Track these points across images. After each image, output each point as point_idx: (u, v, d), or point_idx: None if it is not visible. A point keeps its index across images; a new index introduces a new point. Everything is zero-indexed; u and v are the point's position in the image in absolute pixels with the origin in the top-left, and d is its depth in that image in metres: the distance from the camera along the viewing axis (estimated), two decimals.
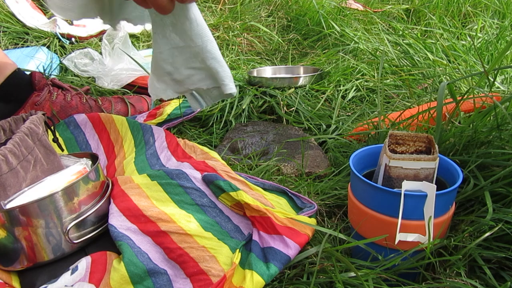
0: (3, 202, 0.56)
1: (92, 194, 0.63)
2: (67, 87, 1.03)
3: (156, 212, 0.62)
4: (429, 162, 0.52)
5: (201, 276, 0.54)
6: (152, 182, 0.69)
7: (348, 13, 1.69)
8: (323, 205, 0.71)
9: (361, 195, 0.55)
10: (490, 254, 0.54)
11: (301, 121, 1.04)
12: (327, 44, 1.52)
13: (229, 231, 0.63)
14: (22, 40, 1.47)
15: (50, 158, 0.65)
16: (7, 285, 0.56)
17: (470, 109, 0.88)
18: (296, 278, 0.57)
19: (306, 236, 0.60)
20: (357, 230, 0.57)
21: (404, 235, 0.51)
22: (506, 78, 1.14)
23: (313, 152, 0.87)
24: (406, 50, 1.31)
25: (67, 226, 0.58)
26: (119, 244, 0.58)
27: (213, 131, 1.03)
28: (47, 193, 0.57)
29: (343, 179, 0.77)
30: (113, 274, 0.54)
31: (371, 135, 0.84)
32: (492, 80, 0.80)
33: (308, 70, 1.33)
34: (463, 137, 0.67)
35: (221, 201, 0.67)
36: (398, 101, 1.09)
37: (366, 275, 0.52)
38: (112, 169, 0.81)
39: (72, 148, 0.87)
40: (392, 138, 0.58)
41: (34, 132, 0.63)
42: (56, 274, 0.56)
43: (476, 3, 1.93)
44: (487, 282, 0.52)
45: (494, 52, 1.31)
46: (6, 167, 0.57)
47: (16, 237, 0.56)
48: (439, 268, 0.54)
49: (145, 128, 0.89)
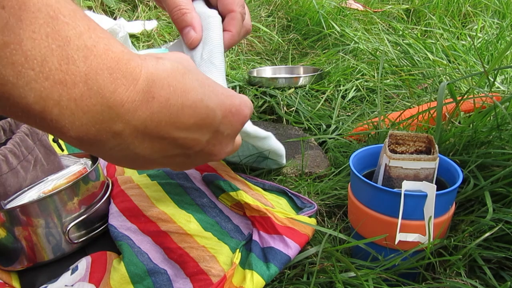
0: (3, 202, 0.56)
1: (92, 194, 0.63)
2: None
3: (156, 212, 0.62)
4: (429, 162, 0.52)
5: (201, 276, 0.54)
6: (152, 182, 0.69)
7: (348, 13, 1.69)
8: (323, 205, 0.71)
9: (361, 195, 0.55)
10: (490, 254, 0.54)
11: (301, 121, 1.04)
12: (327, 44, 1.52)
13: (229, 231, 0.63)
14: None
15: (50, 158, 0.65)
16: (7, 285, 0.56)
17: (470, 109, 0.88)
18: (296, 278, 0.57)
19: (306, 236, 0.60)
20: (357, 230, 0.57)
21: (404, 235, 0.51)
22: (506, 78, 1.14)
23: (313, 152, 0.87)
24: (406, 50, 1.31)
25: (67, 226, 0.58)
26: (119, 244, 0.58)
27: None
28: (47, 193, 0.57)
29: (343, 179, 0.77)
30: (113, 274, 0.54)
31: (371, 135, 0.84)
32: (492, 80, 0.80)
33: (308, 70, 1.33)
34: (463, 137, 0.67)
35: (221, 201, 0.67)
36: (398, 101, 1.09)
37: (366, 275, 0.52)
38: (112, 169, 0.81)
39: (72, 148, 0.87)
40: (392, 138, 0.58)
41: (34, 132, 0.63)
42: (56, 274, 0.56)
43: (476, 3, 1.93)
44: (487, 282, 0.52)
45: (494, 52, 1.31)
46: (6, 167, 0.57)
47: (16, 237, 0.56)
48: (439, 268, 0.54)
49: None
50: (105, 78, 0.25)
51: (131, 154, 0.30)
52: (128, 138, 0.28)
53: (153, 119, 0.28)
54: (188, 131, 0.31)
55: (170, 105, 0.28)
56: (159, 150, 0.31)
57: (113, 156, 0.30)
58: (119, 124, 0.27)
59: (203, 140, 0.33)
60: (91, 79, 0.25)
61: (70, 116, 0.25)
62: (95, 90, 0.25)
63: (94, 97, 0.25)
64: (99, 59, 0.25)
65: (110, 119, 0.26)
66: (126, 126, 0.27)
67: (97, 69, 0.25)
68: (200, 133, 0.32)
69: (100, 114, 0.26)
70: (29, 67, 0.22)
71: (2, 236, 0.56)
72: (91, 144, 0.27)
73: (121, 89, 0.26)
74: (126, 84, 0.26)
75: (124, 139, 0.28)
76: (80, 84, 0.24)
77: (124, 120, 0.27)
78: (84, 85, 0.24)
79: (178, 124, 0.30)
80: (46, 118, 0.24)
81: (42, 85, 0.23)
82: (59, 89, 0.24)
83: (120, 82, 0.26)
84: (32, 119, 0.25)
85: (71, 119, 0.25)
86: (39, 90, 0.23)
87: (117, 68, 0.26)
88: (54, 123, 0.25)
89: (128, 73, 0.26)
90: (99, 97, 0.25)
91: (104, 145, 0.28)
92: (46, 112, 0.24)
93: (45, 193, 0.57)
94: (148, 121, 0.28)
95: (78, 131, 0.26)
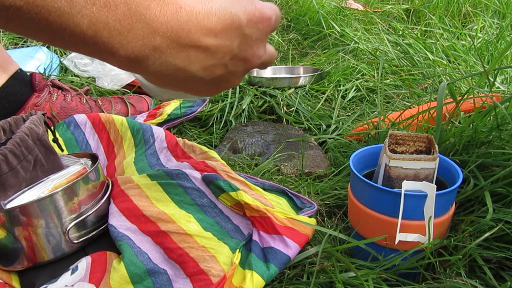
0: (3, 202, 0.56)
1: (92, 194, 0.63)
2: (67, 88, 1.03)
3: (156, 212, 0.62)
4: (429, 162, 0.52)
5: (201, 276, 0.54)
6: (152, 182, 0.69)
7: (348, 13, 1.69)
8: (323, 205, 0.71)
9: (361, 195, 0.55)
10: (490, 254, 0.54)
11: (301, 121, 1.04)
12: (327, 44, 1.52)
13: (229, 231, 0.63)
14: (22, 40, 1.47)
15: (50, 158, 0.65)
16: (7, 285, 0.56)
17: (470, 109, 0.88)
18: (296, 278, 0.57)
19: (306, 236, 0.60)
20: (357, 230, 0.57)
21: (404, 235, 0.51)
22: (506, 78, 1.14)
23: (313, 152, 0.87)
24: (406, 50, 1.31)
25: (67, 226, 0.58)
26: (119, 244, 0.58)
27: (213, 131, 1.03)
28: (47, 193, 0.57)
29: (343, 179, 0.77)
30: (113, 274, 0.54)
31: (371, 135, 0.84)
32: (492, 80, 0.80)
33: (308, 70, 1.33)
34: (463, 137, 0.67)
35: (221, 201, 0.67)
36: (398, 101, 1.09)
37: (366, 275, 0.52)
38: (112, 169, 0.81)
39: (72, 148, 0.87)
40: (392, 138, 0.58)
41: (35, 132, 0.63)
42: (56, 274, 0.56)
43: (476, 3, 1.93)
44: (487, 282, 0.52)
45: (494, 52, 1.31)
46: (6, 167, 0.57)
47: (16, 237, 0.56)
48: (439, 268, 0.54)
49: (145, 128, 0.88)
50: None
51: (172, 67, 0.33)
52: (166, 50, 0.31)
53: (184, 28, 0.31)
54: (217, 37, 0.34)
55: (196, 13, 0.31)
56: (196, 59, 0.34)
57: (158, 72, 0.33)
58: (157, 38, 0.30)
59: (234, 46, 0.35)
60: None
61: (117, 36, 0.28)
62: (133, 9, 0.28)
63: (134, 15, 0.28)
64: None
65: (150, 33, 0.30)
66: (162, 39, 0.31)
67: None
68: (229, 38, 0.34)
69: (140, 30, 0.29)
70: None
71: (2, 236, 0.56)
72: (137, 62, 0.31)
73: (153, 4, 0.29)
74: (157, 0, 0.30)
75: (163, 51, 0.31)
76: (121, 5, 0.28)
77: (160, 33, 0.30)
78: (124, 5, 0.28)
79: (206, 31, 0.33)
80: (98, 42, 0.28)
81: (91, 10, 0.26)
82: (105, 12, 0.27)
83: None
84: (86, 45, 0.28)
85: (118, 39, 0.28)
86: (89, 16, 0.26)
87: None
88: (105, 45, 0.28)
89: None
90: (138, 15, 0.29)
91: (148, 61, 0.31)
92: (97, 36, 0.28)
93: (45, 193, 0.57)
94: (180, 30, 0.31)
95: (126, 49, 0.29)
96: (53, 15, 0.26)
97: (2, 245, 0.57)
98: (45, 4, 0.25)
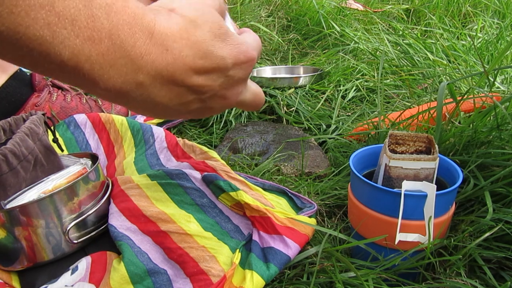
0: (3, 202, 0.56)
1: (92, 194, 0.63)
2: (67, 88, 1.03)
3: (156, 212, 0.62)
4: (429, 162, 0.52)
5: (201, 276, 0.54)
6: (152, 182, 0.69)
7: (348, 13, 1.69)
8: (323, 205, 0.71)
9: (361, 195, 0.55)
10: (490, 254, 0.54)
11: (301, 121, 1.04)
12: (327, 44, 1.52)
13: (229, 231, 0.63)
14: None
15: (50, 158, 0.65)
16: (7, 285, 0.56)
17: (470, 109, 0.88)
18: (296, 278, 0.57)
19: (306, 236, 0.60)
20: (357, 230, 0.57)
21: (404, 235, 0.51)
22: (506, 78, 1.14)
23: (313, 152, 0.87)
24: (406, 50, 1.31)
25: (67, 226, 0.58)
26: (119, 244, 0.58)
27: (213, 131, 1.03)
28: (47, 193, 0.57)
29: (343, 179, 0.77)
30: (113, 274, 0.54)
31: (371, 135, 0.84)
32: (492, 80, 0.80)
33: (308, 70, 1.33)
34: (463, 137, 0.67)
35: (221, 201, 0.67)
36: (398, 101, 1.09)
37: (366, 275, 0.52)
38: (112, 169, 0.81)
39: (72, 148, 0.87)
40: (392, 138, 0.58)
41: (35, 132, 0.63)
42: (56, 274, 0.56)
43: (476, 3, 1.93)
44: (487, 282, 0.52)
45: (494, 52, 1.31)
46: (6, 167, 0.57)
47: (16, 237, 0.56)
48: (439, 268, 0.54)
49: (145, 128, 0.89)
50: (126, 32, 0.28)
51: (152, 102, 0.33)
52: (148, 87, 0.32)
53: (169, 70, 0.31)
54: (201, 78, 0.34)
55: (182, 57, 0.31)
56: (176, 96, 0.34)
57: (138, 105, 0.33)
58: (141, 75, 0.30)
59: (216, 85, 0.35)
60: (114, 34, 0.28)
61: (99, 70, 0.28)
62: (118, 44, 0.28)
63: (118, 51, 0.28)
64: (119, 15, 0.28)
65: (133, 70, 0.29)
66: (146, 77, 0.31)
67: (118, 24, 0.28)
68: (212, 79, 0.35)
69: (124, 66, 0.29)
70: (62, 27, 0.25)
71: (2, 236, 0.56)
72: (118, 96, 0.31)
73: (140, 43, 0.29)
74: (143, 38, 0.29)
75: (145, 88, 0.31)
76: (105, 40, 0.27)
77: (144, 71, 0.30)
78: (108, 40, 0.27)
79: (191, 73, 0.33)
80: (79, 73, 0.27)
81: (74, 42, 0.26)
82: (88, 45, 0.27)
83: (138, 36, 0.29)
84: (67, 75, 0.28)
85: (100, 72, 0.28)
86: (71, 47, 0.26)
87: (134, 23, 0.29)
88: (86, 77, 0.28)
89: (144, 27, 0.29)
90: (122, 51, 0.28)
91: (129, 95, 0.31)
92: (79, 68, 0.27)
93: (45, 193, 0.57)
94: (164, 71, 0.31)
95: (107, 83, 0.29)
96: (34, 43, 0.25)
97: (2, 245, 0.57)
98: (27, 31, 0.25)
